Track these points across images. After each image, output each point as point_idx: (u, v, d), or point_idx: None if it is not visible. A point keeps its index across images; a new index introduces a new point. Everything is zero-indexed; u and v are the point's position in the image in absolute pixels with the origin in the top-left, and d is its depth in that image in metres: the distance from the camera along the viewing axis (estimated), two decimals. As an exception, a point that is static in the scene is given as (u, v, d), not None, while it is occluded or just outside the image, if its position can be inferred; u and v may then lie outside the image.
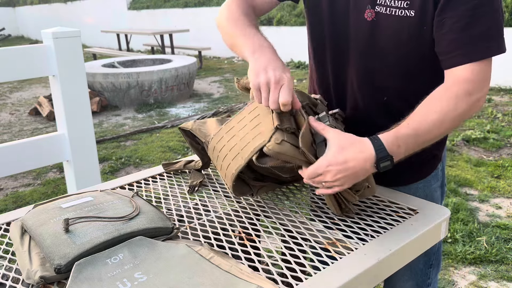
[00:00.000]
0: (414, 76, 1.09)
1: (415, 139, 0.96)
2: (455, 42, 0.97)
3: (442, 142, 1.21)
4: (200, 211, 1.07)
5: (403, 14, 1.01)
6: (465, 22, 0.95)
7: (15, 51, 1.96)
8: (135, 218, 0.91)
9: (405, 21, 1.02)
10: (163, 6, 12.80)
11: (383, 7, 1.03)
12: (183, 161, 1.34)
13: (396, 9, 1.02)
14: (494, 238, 2.57)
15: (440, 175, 1.24)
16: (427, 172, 1.20)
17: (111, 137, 4.92)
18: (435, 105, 0.97)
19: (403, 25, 1.02)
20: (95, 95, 6.16)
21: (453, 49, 0.98)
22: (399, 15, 1.02)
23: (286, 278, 0.80)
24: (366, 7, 1.05)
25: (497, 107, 5.30)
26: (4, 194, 3.66)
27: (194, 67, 6.79)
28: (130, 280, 0.78)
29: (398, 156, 0.94)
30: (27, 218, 0.93)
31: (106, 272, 0.80)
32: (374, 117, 1.13)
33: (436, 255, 1.25)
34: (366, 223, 0.98)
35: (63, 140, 2.13)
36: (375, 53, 1.08)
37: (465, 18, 0.95)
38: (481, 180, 3.37)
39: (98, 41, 14.00)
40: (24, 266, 0.82)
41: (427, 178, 1.20)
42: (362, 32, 1.08)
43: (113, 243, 0.84)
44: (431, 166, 1.21)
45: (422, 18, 1.00)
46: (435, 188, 1.22)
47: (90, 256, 0.81)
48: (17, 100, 7.39)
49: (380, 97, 1.12)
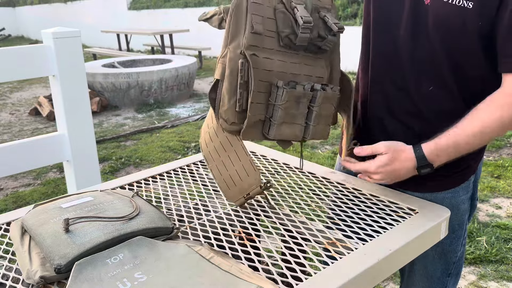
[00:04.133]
0: (464, 73, 1.03)
1: (455, 149, 1.00)
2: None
3: (480, 152, 1.15)
4: (200, 211, 1.07)
5: (461, 4, 0.94)
6: None
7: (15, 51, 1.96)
8: (135, 218, 0.91)
9: (462, 12, 0.94)
10: (163, 6, 12.79)
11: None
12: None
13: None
14: (494, 238, 2.57)
15: (471, 187, 1.17)
16: (456, 183, 1.14)
17: (111, 137, 4.92)
18: (480, 115, 0.97)
19: (459, 16, 0.95)
20: (95, 95, 6.16)
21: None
22: (456, 4, 0.94)
23: (286, 278, 0.80)
24: None
25: (497, 107, 5.30)
26: (4, 194, 3.66)
27: (194, 67, 6.79)
28: (130, 280, 0.78)
29: (438, 163, 1.02)
30: (27, 218, 0.93)
31: (106, 272, 0.80)
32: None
33: (456, 265, 1.19)
34: (366, 223, 0.98)
35: (63, 140, 2.13)
36: (424, 43, 1.02)
37: None
38: (481, 180, 3.37)
39: (98, 41, 14.00)
40: (24, 266, 0.82)
41: (455, 189, 1.14)
42: (417, 17, 1.01)
43: (113, 243, 0.84)
44: (462, 177, 1.14)
45: (480, 11, 0.92)
46: (463, 200, 1.15)
47: (90, 256, 0.81)
48: (17, 100, 7.39)
49: (426, 86, 1.07)
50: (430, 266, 1.17)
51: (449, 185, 1.13)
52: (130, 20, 13.55)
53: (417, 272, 1.19)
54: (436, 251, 1.14)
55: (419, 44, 1.03)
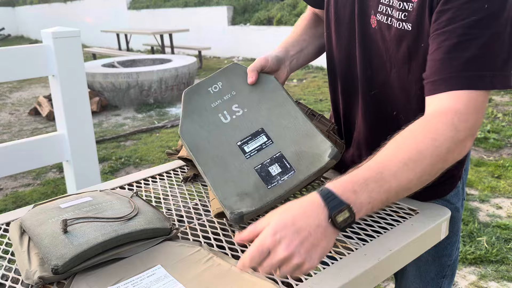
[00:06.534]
0: (419, 98, 0.93)
1: (379, 183, 0.73)
2: (440, 63, 0.80)
3: (461, 162, 1.07)
4: (200, 211, 1.07)
5: (401, 27, 0.89)
6: (457, 41, 0.78)
7: (15, 51, 1.96)
8: (133, 219, 0.91)
9: (404, 35, 0.89)
10: (163, 6, 12.80)
11: (384, 16, 0.92)
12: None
13: (395, 20, 0.90)
14: (495, 238, 2.57)
15: (461, 193, 1.13)
16: (445, 192, 1.09)
17: (111, 137, 4.92)
18: (407, 142, 0.78)
19: (402, 39, 0.90)
20: (95, 95, 6.16)
21: (436, 71, 0.81)
22: (397, 27, 0.90)
23: (286, 278, 0.80)
24: (370, 12, 0.96)
25: (497, 107, 5.30)
26: (4, 194, 3.66)
27: (194, 67, 6.79)
28: (230, 113, 0.98)
29: (360, 205, 0.71)
30: (25, 218, 0.93)
31: (210, 102, 0.99)
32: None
33: (451, 267, 1.18)
34: (366, 223, 0.98)
35: (63, 140, 2.13)
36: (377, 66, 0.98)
37: (458, 36, 0.78)
38: (482, 180, 3.37)
39: (98, 41, 14.01)
40: (23, 267, 0.82)
41: (446, 197, 1.09)
42: (367, 39, 0.99)
43: (111, 243, 0.84)
44: (449, 186, 1.09)
45: (419, 34, 0.87)
46: (456, 208, 1.10)
47: (196, 84, 1.01)
48: (16, 100, 7.39)
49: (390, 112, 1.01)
50: (423, 267, 1.17)
51: (438, 195, 1.09)
52: (130, 20, 13.56)
53: (410, 273, 1.18)
54: (429, 253, 1.13)
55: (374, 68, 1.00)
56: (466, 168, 1.14)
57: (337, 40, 1.09)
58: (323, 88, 6.67)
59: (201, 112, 0.99)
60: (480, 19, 0.77)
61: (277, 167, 0.92)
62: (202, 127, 0.98)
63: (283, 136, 0.95)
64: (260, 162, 0.93)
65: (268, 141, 0.95)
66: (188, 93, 1.01)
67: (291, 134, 0.95)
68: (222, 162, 0.94)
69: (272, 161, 0.93)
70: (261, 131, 0.96)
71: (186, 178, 1.24)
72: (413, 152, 0.75)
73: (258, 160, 0.94)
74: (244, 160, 0.94)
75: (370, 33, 0.99)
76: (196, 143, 0.96)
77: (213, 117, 0.98)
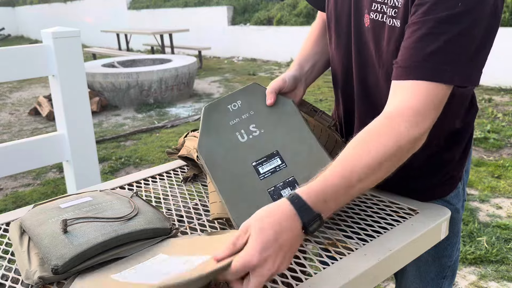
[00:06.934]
0: None
1: (346, 189, 0.78)
2: (408, 51, 0.83)
3: (462, 163, 1.09)
4: (200, 211, 1.07)
5: (392, 24, 0.91)
6: (427, 33, 0.81)
7: (15, 51, 1.96)
8: (133, 219, 0.91)
9: (393, 32, 0.91)
10: (163, 6, 12.80)
11: (377, 13, 0.94)
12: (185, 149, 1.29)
13: (387, 17, 0.92)
14: (495, 238, 2.57)
15: (462, 194, 1.12)
16: (445, 192, 1.10)
17: (111, 137, 4.92)
18: (373, 144, 0.80)
19: (391, 36, 0.92)
20: (95, 95, 6.16)
21: (404, 59, 0.84)
22: (389, 25, 0.92)
23: (286, 278, 0.80)
24: (364, 11, 0.97)
25: (497, 107, 5.30)
26: (4, 194, 3.66)
27: (194, 67, 6.79)
28: (247, 133, 0.99)
29: (328, 211, 0.78)
30: (25, 218, 0.93)
31: (228, 120, 1.00)
32: None
33: (452, 268, 1.18)
34: (366, 223, 0.98)
35: (63, 140, 2.13)
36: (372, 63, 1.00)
37: (428, 28, 0.81)
38: (482, 180, 3.37)
39: (98, 41, 14.00)
40: (23, 267, 0.82)
41: (446, 198, 1.09)
42: (360, 38, 1.01)
43: (111, 243, 0.84)
44: (449, 187, 1.09)
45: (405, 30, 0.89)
46: (457, 209, 1.10)
47: (216, 100, 1.03)
48: (16, 100, 7.39)
49: None
50: (423, 267, 1.16)
51: (437, 195, 1.10)
52: (130, 20, 13.56)
53: (410, 273, 1.18)
54: (429, 254, 1.13)
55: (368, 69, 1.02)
56: (467, 169, 1.14)
57: (336, 40, 1.10)
58: (323, 88, 6.67)
59: (219, 129, 0.99)
60: (452, 15, 0.80)
61: (289, 191, 0.92)
62: (219, 144, 0.98)
63: (297, 161, 0.96)
64: (274, 185, 0.94)
65: (282, 164, 0.96)
66: (208, 109, 1.02)
67: (305, 160, 0.95)
68: (237, 181, 0.95)
69: (285, 185, 0.94)
70: (276, 153, 0.97)
71: (186, 178, 1.24)
72: (379, 155, 0.80)
73: (272, 182, 0.94)
74: (259, 181, 0.94)
75: (364, 33, 1.00)
76: (212, 159, 0.97)
77: (231, 135, 0.99)
